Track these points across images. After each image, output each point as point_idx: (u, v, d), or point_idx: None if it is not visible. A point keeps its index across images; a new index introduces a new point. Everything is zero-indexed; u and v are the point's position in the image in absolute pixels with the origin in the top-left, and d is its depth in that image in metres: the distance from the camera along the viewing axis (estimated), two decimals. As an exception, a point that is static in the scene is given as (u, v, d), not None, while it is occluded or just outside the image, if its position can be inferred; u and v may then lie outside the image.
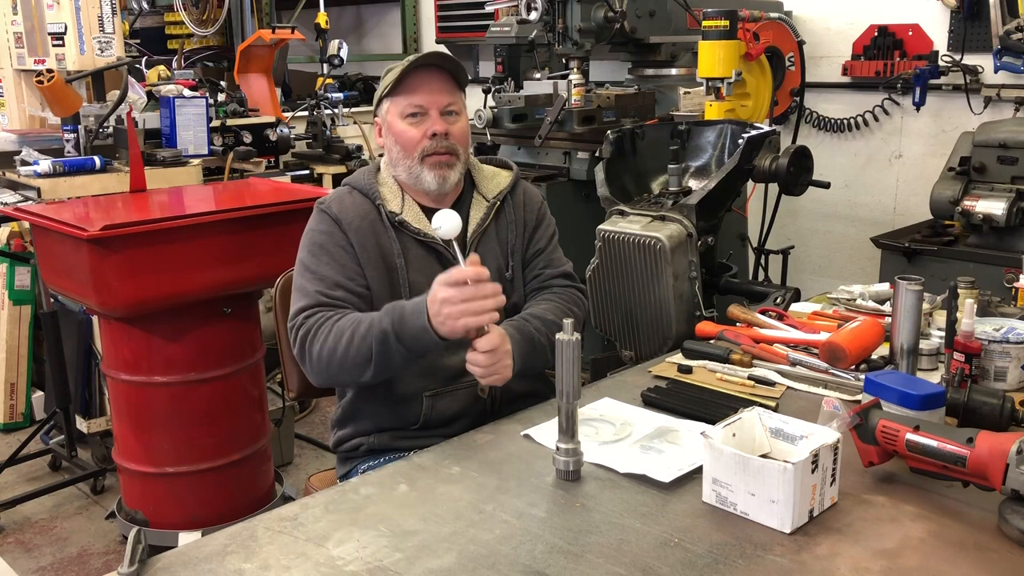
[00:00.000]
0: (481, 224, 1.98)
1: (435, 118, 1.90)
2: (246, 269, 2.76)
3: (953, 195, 3.27)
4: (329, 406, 4.16)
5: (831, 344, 1.86)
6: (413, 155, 1.91)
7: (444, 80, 1.92)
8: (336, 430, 2.02)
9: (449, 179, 1.92)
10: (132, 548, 1.25)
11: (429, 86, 1.90)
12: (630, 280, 2.56)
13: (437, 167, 1.91)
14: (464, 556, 1.27)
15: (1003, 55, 3.63)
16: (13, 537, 3.17)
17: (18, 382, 4.01)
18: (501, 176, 2.07)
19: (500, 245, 2.01)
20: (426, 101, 1.89)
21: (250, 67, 4.58)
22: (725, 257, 2.79)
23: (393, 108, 1.92)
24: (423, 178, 1.91)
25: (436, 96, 1.90)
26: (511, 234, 2.03)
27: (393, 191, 1.96)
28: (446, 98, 1.91)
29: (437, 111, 1.90)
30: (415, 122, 1.90)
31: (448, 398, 1.90)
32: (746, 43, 3.26)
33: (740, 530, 1.32)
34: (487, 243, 1.99)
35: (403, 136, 1.91)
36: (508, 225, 2.03)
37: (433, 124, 1.89)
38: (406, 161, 1.92)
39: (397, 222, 1.91)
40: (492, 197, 2.02)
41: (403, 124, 1.91)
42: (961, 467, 1.33)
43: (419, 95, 1.89)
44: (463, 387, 1.91)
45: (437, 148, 1.89)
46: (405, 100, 1.90)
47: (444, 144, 1.90)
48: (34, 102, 4.20)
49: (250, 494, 2.97)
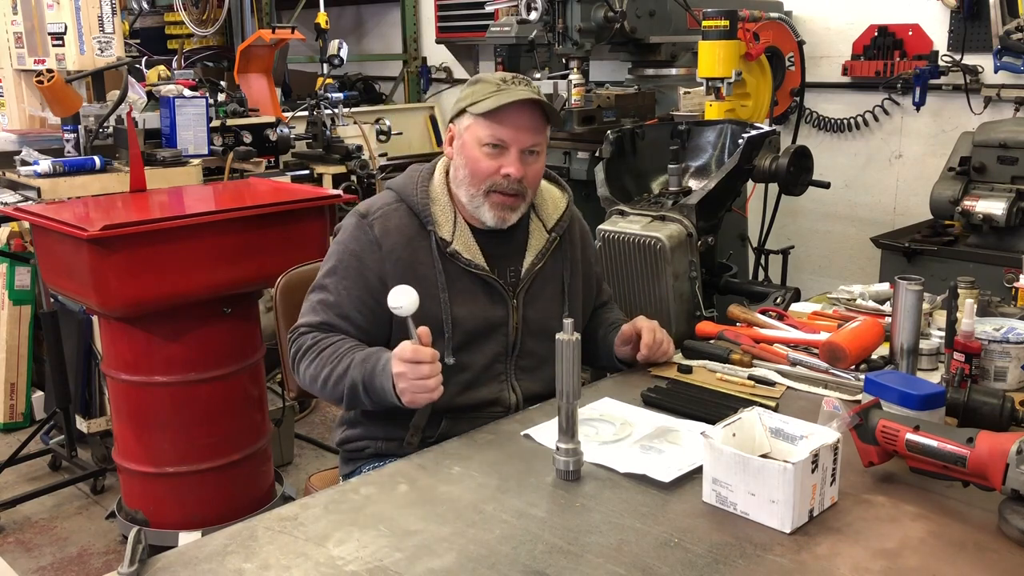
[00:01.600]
0: (538, 260, 1.91)
1: (514, 157, 1.80)
2: (246, 269, 2.76)
3: (953, 195, 3.27)
4: (329, 406, 4.16)
5: (831, 344, 1.86)
6: (480, 186, 1.82)
7: (535, 119, 1.81)
8: (343, 428, 1.98)
9: (508, 221, 1.85)
10: (132, 548, 1.25)
11: (518, 122, 1.79)
12: (630, 280, 2.56)
13: (499, 208, 1.83)
14: (464, 556, 1.27)
15: (1003, 55, 3.63)
16: (13, 537, 3.17)
17: (18, 382, 4.01)
18: (556, 196, 1.99)
19: (556, 286, 1.95)
20: (510, 138, 1.79)
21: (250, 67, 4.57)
22: (725, 257, 2.78)
23: (475, 129, 1.81)
24: (482, 212, 1.84)
25: (523, 134, 1.80)
26: (567, 273, 1.96)
27: (446, 212, 1.86)
28: (531, 138, 1.81)
29: (518, 149, 1.80)
30: (493, 154, 1.80)
31: (466, 422, 1.81)
32: (746, 43, 3.26)
33: (740, 530, 1.32)
34: (541, 284, 1.93)
35: (476, 164, 1.81)
36: (565, 263, 1.96)
37: (510, 164, 1.80)
38: (471, 188, 1.83)
39: (448, 253, 1.83)
40: (551, 226, 1.94)
41: (480, 151, 1.81)
42: (961, 467, 1.33)
43: (507, 130, 1.79)
44: (485, 417, 1.83)
45: (506, 188, 1.81)
46: (490, 129, 1.79)
47: (514, 187, 1.81)
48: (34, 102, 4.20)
49: (250, 494, 2.97)
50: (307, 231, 2.85)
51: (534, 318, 1.90)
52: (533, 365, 1.92)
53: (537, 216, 1.94)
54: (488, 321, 1.86)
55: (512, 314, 1.88)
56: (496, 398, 1.88)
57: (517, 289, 1.89)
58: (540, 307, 1.92)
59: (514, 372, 1.90)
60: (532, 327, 1.90)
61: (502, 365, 1.89)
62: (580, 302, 2.00)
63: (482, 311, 1.85)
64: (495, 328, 1.87)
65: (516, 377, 1.90)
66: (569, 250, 1.97)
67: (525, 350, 1.90)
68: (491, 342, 1.87)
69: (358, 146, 4.42)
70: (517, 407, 1.89)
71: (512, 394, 1.90)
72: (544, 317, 1.91)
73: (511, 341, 1.89)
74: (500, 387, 1.89)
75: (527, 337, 1.90)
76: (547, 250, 1.93)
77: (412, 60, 6.43)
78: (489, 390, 1.86)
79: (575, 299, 1.98)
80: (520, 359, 1.90)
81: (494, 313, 1.87)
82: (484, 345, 1.85)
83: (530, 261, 1.91)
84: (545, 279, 1.93)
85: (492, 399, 1.87)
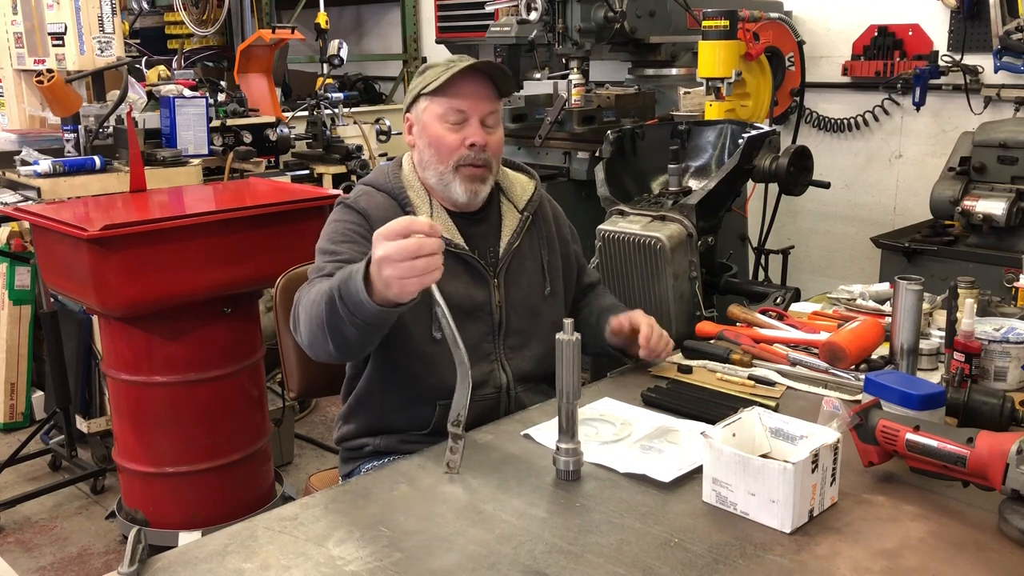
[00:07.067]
0: (515, 239, 1.93)
1: (475, 126, 1.82)
2: (246, 269, 2.76)
3: (953, 195, 3.27)
4: (329, 406, 4.17)
5: (831, 344, 1.86)
6: (447, 162, 1.83)
7: (489, 87, 1.84)
8: (341, 424, 1.99)
9: (480, 194, 1.87)
10: (132, 548, 1.25)
11: (475, 91, 1.82)
12: (630, 280, 2.56)
13: (470, 180, 1.84)
14: (464, 556, 1.27)
15: (1003, 55, 3.64)
16: (13, 537, 3.17)
17: (18, 382, 4.01)
18: (523, 180, 2.02)
19: (535, 262, 1.97)
20: (469, 107, 1.81)
21: (250, 67, 4.57)
22: (725, 257, 2.79)
23: (432, 108, 1.83)
24: (453, 188, 1.85)
25: (480, 103, 1.82)
26: (544, 250, 1.99)
27: (420, 196, 1.88)
28: (488, 106, 1.84)
29: (478, 119, 1.82)
30: (454, 128, 1.82)
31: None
32: (746, 43, 3.27)
33: (740, 530, 1.32)
34: (520, 261, 1.95)
35: (440, 141, 1.83)
36: (541, 241, 1.99)
37: (473, 133, 1.82)
38: (438, 167, 1.85)
39: None
40: (522, 207, 1.96)
41: (441, 128, 1.82)
42: (961, 467, 1.33)
43: (463, 100, 1.81)
44: (480, 400, 1.84)
45: (474, 160, 1.82)
46: (447, 103, 1.81)
47: (481, 156, 1.83)
48: (34, 102, 4.20)
49: (250, 494, 2.97)
50: (307, 231, 2.82)
51: (516, 296, 1.93)
52: (520, 343, 1.93)
53: (507, 199, 1.98)
54: (472, 300, 1.87)
55: (494, 293, 1.90)
56: (487, 378, 1.88)
57: (497, 268, 1.91)
58: (521, 285, 1.94)
59: (503, 351, 1.92)
60: (515, 305, 1.92)
61: (490, 345, 1.90)
62: (561, 279, 2.02)
63: (466, 290, 1.86)
64: (479, 307, 1.88)
65: (505, 356, 1.92)
66: (544, 227, 2.00)
67: (511, 328, 1.92)
68: (477, 322, 1.88)
69: (358, 146, 4.42)
70: (509, 387, 1.90)
71: (503, 374, 1.91)
72: (526, 295, 1.94)
73: (496, 320, 1.90)
74: (491, 367, 1.89)
75: (512, 315, 1.92)
76: (521, 229, 1.95)
77: (412, 60, 6.43)
78: (480, 370, 1.85)
79: (555, 275, 2.00)
80: (507, 338, 1.92)
81: (477, 292, 1.88)
82: (470, 325, 1.85)
83: (507, 240, 1.93)
84: (523, 257, 1.95)
85: (483, 379, 1.87)
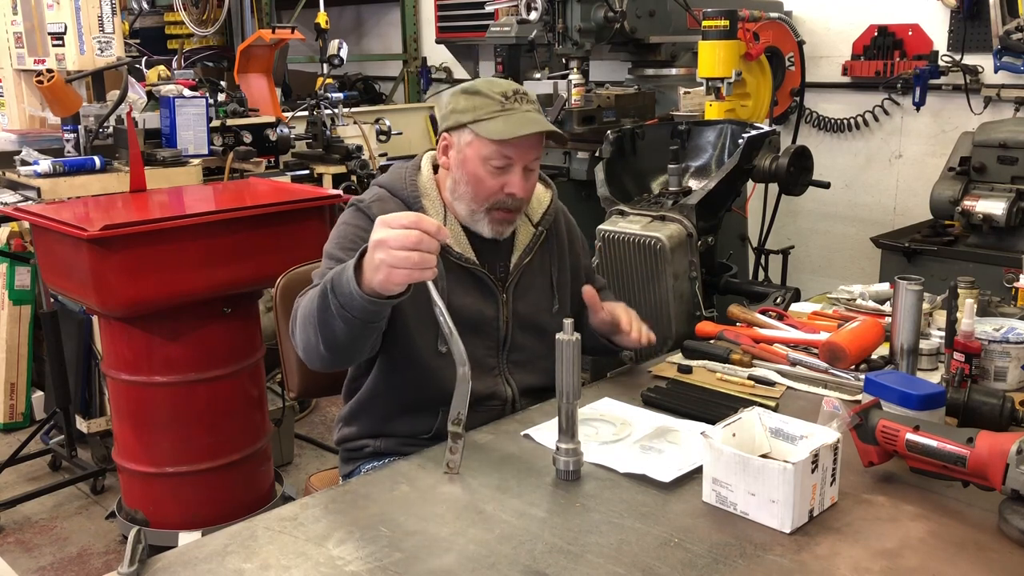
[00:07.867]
0: (526, 254, 1.91)
1: (518, 174, 1.78)
2: (246, 269, 2.76)
3: (953, 195, 3.27)
4: (329, 406, 4.16)
5: (831, 344, 1.86)
6: (482, 204, 1.80)
7: (539, 135, 1.79)
8: (342, 426, 1.98)
9: (505, 233, 1.86)
10: (132, 548, 1.25)
11: (525, 142, 1.77)
12: (630, 280, 2.56)
13: (499, 223, 1.82)
14: (464, 556, 1.27)
15: (1003, 55, 3.64)
16: (13, 537, 3.17)
17: (18, 382, 4.01)
18: (540, 192, 1.98)
19: (545, 279, 1.96)
20: (517, 156, 1.77)
21: (250, 67, 4.57)
22: (725, 257, 2.79)
23: (478, 147, 1.77)
24: (481, 225, 1.82)
25: (528, 152, 1.78)
26: (555, 267, 1.97)
27: (436, 206, 1.84)
28: (535, 153, 1.80)
29: (522, 166, 1.78)
30: (496, 172, 1.77)
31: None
32: (746, 43, 3.27)
33: (740, 530, 1.32)
34: (530, 277, 1.93)
35: (480, 183, 1.78)
36: (552, 257, 1.97)
37: (514, 183, 1.78)
38: (471, 204, 1.81)
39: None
40: (536, 220, 1.94)
41: (483, 170, 1.77)
42: (961, 467, 1.33)
43: (512, 148, 1.76)
44: (484, 411, 1.82)
45: (509, 206, 1.80)
46: (497, 150, 1.75)
47: (516, 202, 1.81)
48: (34, 102, 4.20)
49: (250, 494, 2.97)
50: (307, 231, 2.84)
51: (523, 312, 1.91)
52: (524, 359, 1.92)
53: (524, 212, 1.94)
54: (480, 314, 1.86)
55: (502, 308, 1.88)
56: (492, 392, 1.88)
57: (507, 283, 1.90)
58: (529, 301, 1.92)
59: (507, 366, 1.91)
60: (521, 321, 1.91)
61: (494, 359, 1.90)
62: (569, 295, 2.00)
63: (474, 304, 1.85)
64: (486, 322, 1.87)
65: (509, 371, 1.91)
66: (556, 243, 1.98)
67: (515, 344, 1.91)
68: (482, 336, 1.87)
69: (358, 146, 4.42)
70: (514, 400, 1.90)
71: (508, 387, 1.90)
72: (533, 311, 1.92)
73: (502, 335, 1.89)
74: (495, 381, 1.89)
75: (517, 331, 1.90)
76: (534, 244, 1.93)
77: (412, 60, 6.43)
78: (484, 384, 1.85)
79: (564, 293, 1.99)
80: (511, 353, 1.91)
81: (485, 307, 1.87)
82: (476, 339, 1.84)
83: (518, 256, 1.91)
84: (534, 273, 1.94)
85: (488, 393, 1.87)
